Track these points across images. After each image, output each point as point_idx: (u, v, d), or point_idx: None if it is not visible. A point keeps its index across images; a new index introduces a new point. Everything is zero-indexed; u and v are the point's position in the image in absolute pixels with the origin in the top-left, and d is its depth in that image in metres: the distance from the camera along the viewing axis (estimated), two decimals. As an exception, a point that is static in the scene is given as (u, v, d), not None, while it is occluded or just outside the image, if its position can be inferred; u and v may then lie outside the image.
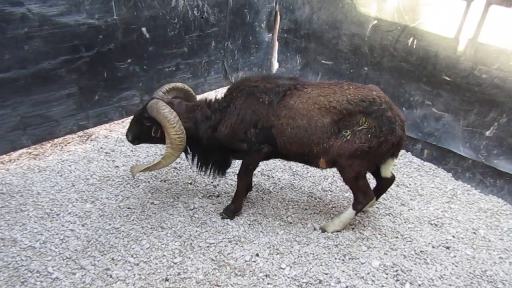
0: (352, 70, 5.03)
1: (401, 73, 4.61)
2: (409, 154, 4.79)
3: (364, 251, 3.32)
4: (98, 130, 4.75)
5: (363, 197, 3.33)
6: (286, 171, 4.32)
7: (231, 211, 3.58)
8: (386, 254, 3.31)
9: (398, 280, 3.08)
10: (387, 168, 3.39)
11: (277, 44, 5.94)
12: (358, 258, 3.24)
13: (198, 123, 3.36)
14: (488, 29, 3.89)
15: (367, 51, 4.81)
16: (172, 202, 3.74)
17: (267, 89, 3.24)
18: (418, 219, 3.75)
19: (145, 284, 2.91)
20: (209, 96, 3.56)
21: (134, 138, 3.52)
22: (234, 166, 3.80)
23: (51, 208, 3.53)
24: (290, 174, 4.28)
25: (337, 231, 3.48)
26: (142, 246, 3.22)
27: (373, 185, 3.55)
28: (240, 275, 3.03)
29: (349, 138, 3.09)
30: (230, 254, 3.21)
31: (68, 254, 3.10)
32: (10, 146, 3.95)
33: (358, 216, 3.69)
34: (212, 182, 4.05)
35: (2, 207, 3.49)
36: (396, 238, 3.50)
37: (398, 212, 3.82)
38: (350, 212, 3.41)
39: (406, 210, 3.86)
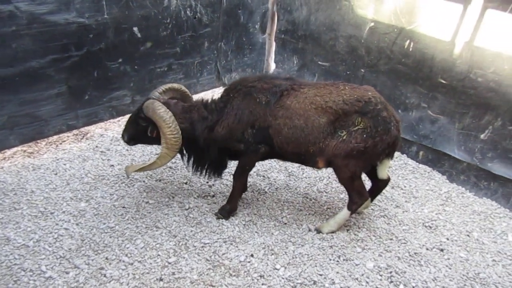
0: (348, 72, 5.05)
1: (397, 75, 4.63)
2: (404, 156, 4.81)
3: (358, 253, 3.33)
4: (94, 129, 4.73)
5: (358, 197, 3.34)
6: (281, 172, 4.32)
7: (226, 211, 3.57)
8: (380, 255, 3.32)
9: (392, 281, 3.09)
10: (383, 169, 3.41)
11: (274, 44, 5.94)
12: (352, 260, 3.24)
13: (195, 124, 3.35)
14: (484, 32, 3.91)
15: (364, 53, 4.82)
16: (167, 201, 3.73)
17: (264, 89, 3.24)
18: (412, 221, 3.76)
19: (139, 283, 2.90)
20: (205, 96, 3.55)
21: (130, 139, 3.51)
22: (230, 166, 3.79)
23: (45, 206, 3.51)
24: (285, 175, 4.28)
25: (332, 232, 3.48)
26: (136, 246, 3.21)
27: (368, 186, 3.56)
28: (234, 276, 3.03)
29: (345, 138, 3.10)
30: (224, 254, 3.20)
31: (62, 253, 3.08)
32: (-3, 145, 3.89)
33: (353, 217, 3.70)
34: (207, 182, 4.04)
35: (-5, 205, 3.47)
36: (390, 240, 3.51)
37: (393, 214, 3.83)
38: (345, 212, 3.42)
39: (401, 212, 3.88)
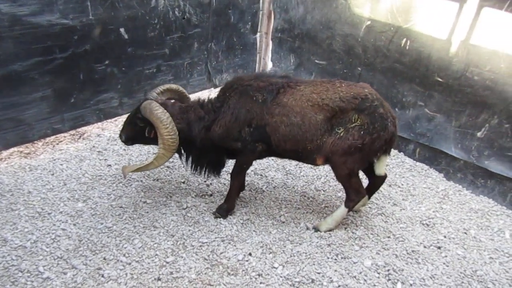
0: (345, 70, 5.05)
1: (394, 74, 4.64)
2: (401, 154, 4.82)
3: (356, 251, 3.34)
4: (91, 129, 4.71)
5: (355, 194, 3.35)
6: (279, 171, 4.32)
7: (224, 210, 3.57)
8: (378, 253, 3.33)
9: (390, 279, 3.10)
10: (381, 165, 3.41)
11: (271, 43, 5.94)
12: (350, 258, 3.25)
13: (192, 124, 3.35)
14: (480, 31, 3.92)
15: (361, 52, 4.83)
16: (164, 201, 3.73)
17: (260, 87, 3.25)
18: (410, 219, 3.78)
19: (137, 283, 2.90)
20: (202, 96, 3.56)
21: (128, 139, 3.51)
22: (227, 165, 3.79)
23: (42, 207, 3.50)
24: (283, 174, 4.29)
25: (330, 230, 3.49)
26: (134, 245, 3.20)
27: (365, 184, 3.57)
28: (232, 275, 3.03)
29: (342, 135, 3.11)
30: (222, 253, 3.20)
31: (59, 254, 3.07)
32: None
33: (351, 215, 3.71)
34: (205, 181, 4.04)
35: (-8, 206, 3.45)
36: (388, 237, 3.52)
37: (390, 212, 3.84)
38: (342, 210, 3.43)
39: (398, 210, 3.89)
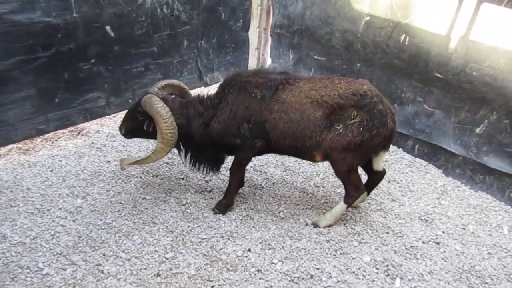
0: (344, 66, 5.04)
1: (393, 69, 4.63)
2: (400, 150, 4.82)
3: (355, 246, 3.34)
4: (89, 125, 4.71)
5: (355, 190, 3.35)
6: (278, 167, 4.33)
7: (223, 206, 3.58)
8: (377, 249, 3.34)
9: (388, 275, 3.11)
10: (379, 161, 3.42)
11: (270, 39, 5.92)
12: (349, 253, 3.26)
13: (191, 120, 3.36)
14: (479, 27, 3.91)
15: (360, 48, 4.82)
16: (164, 197, 3.73)
17: (259, 83, 3.24)
18: (408, 215, 3.78)
19: (136, 279, 2.91)
20: (202, 92, 3.56)
21: (127, 132, 3.53)
22: (226, 161, 3.79)
23: (42, 203, 3.50)
24: (282, 170, 4.29)
25: (329, 226, 3.50)
26: (133, 242, 3.21)
27: (364, 180, 3.58)
28: (232, 270, 3.04)
29: (341, 131, 3.11)
30: (222, 249, 3.21)
31: (59, 250, 3.08)
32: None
33: (350, 211, 3.71)
34: (204, 177, 4.04)
35: (-9, 202, 3.45)
36: (387, 233, 3.53)
37: (389, 207, 3.85)
38: (341, 205, 3.44)
39: (397, 206, 3.89)
